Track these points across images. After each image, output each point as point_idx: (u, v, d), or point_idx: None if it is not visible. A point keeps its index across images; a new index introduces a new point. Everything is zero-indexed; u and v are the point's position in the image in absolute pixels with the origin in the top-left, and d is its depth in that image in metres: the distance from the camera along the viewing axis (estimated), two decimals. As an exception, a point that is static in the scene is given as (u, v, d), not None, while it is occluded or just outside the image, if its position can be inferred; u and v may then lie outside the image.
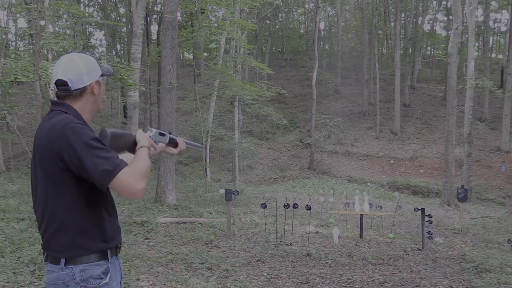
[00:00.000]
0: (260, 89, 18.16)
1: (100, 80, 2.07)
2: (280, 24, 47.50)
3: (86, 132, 1.87)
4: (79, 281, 1.93)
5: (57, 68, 1.99)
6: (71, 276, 1.93)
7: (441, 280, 5.99)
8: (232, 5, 17.79)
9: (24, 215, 9.17)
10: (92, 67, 2.02)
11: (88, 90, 2.02)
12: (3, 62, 16.22)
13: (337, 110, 31.81)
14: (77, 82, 1.98)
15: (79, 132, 1.85)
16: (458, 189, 11.08)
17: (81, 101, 2.02)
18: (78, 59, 2.00)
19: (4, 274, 5.22)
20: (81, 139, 1.84)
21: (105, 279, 1.98)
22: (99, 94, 2.09)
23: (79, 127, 1.87)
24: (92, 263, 1.96)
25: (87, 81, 2.00)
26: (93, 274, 1.95)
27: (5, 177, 17.01)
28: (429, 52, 46.37)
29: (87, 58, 2.02)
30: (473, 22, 17.87)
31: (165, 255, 6.91)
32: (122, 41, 37.72)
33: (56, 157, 1.88)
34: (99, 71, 2.05)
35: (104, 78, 2.11)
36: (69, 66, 1.98)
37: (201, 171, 20.51)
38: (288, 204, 8.88)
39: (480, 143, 25.46)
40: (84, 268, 1.94)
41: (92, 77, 2.02)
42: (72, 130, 1.85)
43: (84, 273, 1.94)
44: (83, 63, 1.99)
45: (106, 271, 1.99)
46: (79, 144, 1.83)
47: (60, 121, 1.90)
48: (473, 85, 16.86)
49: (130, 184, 1.84)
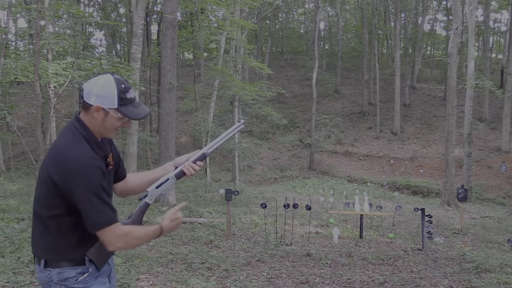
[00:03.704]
0: (260, 89, 18.16)
1: (107, 110, 2.03)
2: (280, 24, 47.50)
3: (90, 178, 1.93)
4: (57, 282, 2.05)
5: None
6: (49, 277, 2.05)
7: (441, 280, 5.99)
8: (232, 5, 17.79)
9: (24, 215, 9.18)
10: (105, 94, 2.01)
11: (93, 110, 2.03)
12: (3, 62, 16.22)
13: (337, 110, 31.81)
14: (86, 96, 2.03)
15: (83, 177, 1.92)
16: (458, 189, 11.08)
17: (88, 115, 2.05)
18: (100, 80, 2.03)
19: (4, 274, 5.22)
20: (83, 186, 1.92)
21: (82, 276, 2.07)
22: (103, 121, 2.06)
23: (84, 171, 1.93)
24: (69, 267, 2.05)
25: (92, 101, 2.01)
26: (69, 276, 2.05)
27: (5, 177, 17.03)
28: (429, 52, 46.40)
29: (108, 85, 2.02)
30: (473, 22, 17.87)
31: (165, 255, 6.91)
32: (122, 41, 37.75)
33: (54, 180, 1.96)
34: (112, 103, 2.02)
35: (118, 113, 2.06)
36: (92, 80, 2.05)
37: (201, 171, 20.49)
38: (288, 204, 8.88)
39: (480, 143, 25.46)
40: (60, 271, 2.05)
41: (98, 101, 2.01)
42: (78, 172, 1.92)
43: (61, 275, 2.05)
44: (100, 84, 2.02)
45: (83, 272, 2.07)
46: (81, 190, 1.92)
47: (68, 153, 1.97)
48: (473, 85, 16.85)
49: (109, 240, 1.99)
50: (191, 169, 2.28)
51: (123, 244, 2.02)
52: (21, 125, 24.80)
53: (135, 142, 13.08)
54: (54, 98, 10.52)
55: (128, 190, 2.39)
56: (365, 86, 32.14)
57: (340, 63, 36.19)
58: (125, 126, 2.17)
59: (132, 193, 2.40)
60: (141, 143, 19.72)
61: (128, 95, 2.05)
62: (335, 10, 41.97)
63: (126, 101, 2.04)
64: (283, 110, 30.18)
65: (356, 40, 44.55)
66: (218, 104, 21.14)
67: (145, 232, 2.11)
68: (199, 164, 2.30)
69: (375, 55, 32.65)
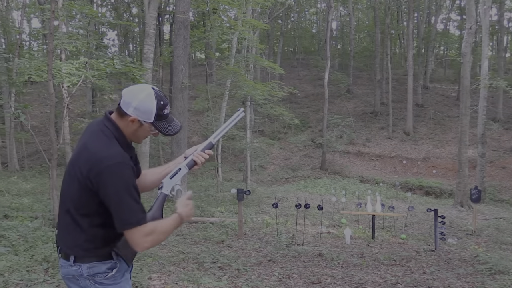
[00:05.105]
0: (272, 89, 18.12)
1: (142, 122, 2.10)
2: (292, 23, 47.39)
3: (122, 176, 1.97)
4: (87, 276, 2.09)
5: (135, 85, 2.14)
6: (79, 272, 2.09)
7: (454, 282, 5.94)
8: (244, 5, 17.79)
9: (37, 214, 9.26)
10: (144, 109, 2.07)
11: (128, 119, 2.08)
12: (18, 62, 16.34)
13: (349, 110, 31.68)
14: (124, 105, 2.08)
15: (116, 175, 1.96)
16: (472, 190, 10.97)
17: (122, 121, 2.11)
18: (142, 93, 2.08)
19: (18, 272, 5.26)
20: (116, 184, 1.96)
21: (111, 272, 2.12)
22: (136, 131, 2.13)
23: (118, 169, 1.97)
24: (99, 261, 2.10)
25: (130, 112, 2.07)
26: (100, 270, 2.10)
27: (19, 176, 17.19)
28: (442, 52, 46.00)
29: (149, 101, 2.07)
30: (487, 21, 17.69)
31: (176, 254, 6.93)
32: (135, 41, 37.92)
33: (87, 179, 1.99)
34: (149, 118, 2.09)
35: (152, 127, 2.13)
36: (134, 90, 2.10)
37: (213, 171, 20.52)
38: (299, 204, 8.86)
39: (493, 144, 25.19)
40: (91, 265, 2.09)
41: (136, 113, 2.07)
42: (111, 170, 1.95)
43: (91, 270, 2.09)
44: (141, 99, 2.06)
45: (112, 267, 2.13)
46: (114, 188, 1.96)
47: (102, 152, 1.99)
48: (487, 85, 16.68)
49: (136, 240, 2.01)
50: (201, 157, 2.34)
51: (150, 244, 2.04)
52: (35, 124, 25.01)
53: (147, 142, 13.11)
54: (67, 97, 10.60)
55: (143, 187, 2.41)
56: (378, 86, 31.97)
57: (352, 63, 36.04)
58: (155, 136, 2.26)
59: (147, 189, 2.43)
60: (153, 143, 19.78)
61: (164, 112, 2.12)
62: (347, 10, 41.81)
63: (162, 117, 2.12)
64: (295, 110, 30.12)
65: (368, 39, 44.34)
66: (230, 104, 21.15)
67: (167, 224, 2.13)
68: (207, 152, 2.36)
69: (388, 54, 32.46)
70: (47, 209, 9.92)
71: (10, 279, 5.02)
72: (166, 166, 2.41)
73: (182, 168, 2.31)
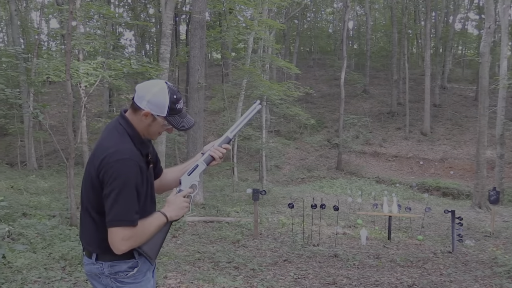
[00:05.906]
0: (288, 89, 18.11)
1: (156, 116, 2.10)
2: (308, 23, 47.28)
3: (127, 172, 1.97)
4: (108, 274, 2.11)
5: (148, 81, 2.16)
6: (101, 270, 2.11)
7: (472, 284, 5.87)
8: (260, 4, 17.78)
9: (55, 212, 9.36)
10: (157, 103, 2.07)
11: (142, 113, 2.09)
12: (36, 62, 16.58)
13: (366, 110, 31.50)
14: (138, 99, 2.09)
15: (121, 170, 1.97)
16: (490, 191, 10.84)
17: (136, 116, 2.12)
18: (155, 87, 2.09)
19: (35, 269, 5.33)
20: (119, 178, 1.96)
21: (132, 271, 2.13)
22: (149, 126, 2.14)
23: (124, 164, 1.97)
24: (120, 260, 2.10)
25: (143, 106, 2.08)
26: (120, 269, 2.11)
27: (37, 175, 17.38)
28: (460, 52, 45.52)
29: (162, 94, 2.08)
30: (506, 20, 17.45)
31: (192, 253, 6.96)
32: (151, 41, 38.13)
33: (98, 176, 2.01)
34: (162, 112, 2.09)
35: (165, 121, 2.13)
36: (147, 85, 2.11)
37: (229, 171, 20.57)
38: (315, 205, 8.84)
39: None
40: (112, 264, 2.10)
41: (149, 107, 2.08)
42: (117, 165, 1.97)
43: (112, 268, 2.10)
44: (154, 92, 2.07)
45: (133, 266, 2.13)
46: (116, 182, 1.95)
47: (111, 148, 2.01)
48: (506, 85, 16.45)
49: (115, 242, 1.97)
50: (218, 152, 2.33)
51: (127, 247, 2.00)
52: (53, 123, 25.30)
53: (164, 141, 13.18)
54: (85, 97, 10.71)
55: (163, 186, 2.45)
56: (394, 86, 31.72)
57: (369, 63, 35.82)
58: (169, 132, 2.25)
59: (168, 187, 2.44)
60: (170, 142, 19.89)
61: (177, 106, 2.11)
62: (364, 10, 41.57)
63: (175, 111, 2.11)
64: (311, 110, 30.03)
65: (385, 39, 44.06)
66: (246, 104, 21.15)
67: (149, 225, 2.10)
68: (225, 147, 2.35)
69: (405, 54, 32.17)
70: (64, 208, 10.03)
71: (28, 276, 5.08)
72: (186, 164, 2.42)
73: (199, 165, 2.32)
